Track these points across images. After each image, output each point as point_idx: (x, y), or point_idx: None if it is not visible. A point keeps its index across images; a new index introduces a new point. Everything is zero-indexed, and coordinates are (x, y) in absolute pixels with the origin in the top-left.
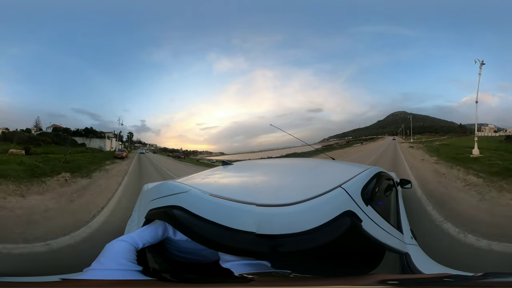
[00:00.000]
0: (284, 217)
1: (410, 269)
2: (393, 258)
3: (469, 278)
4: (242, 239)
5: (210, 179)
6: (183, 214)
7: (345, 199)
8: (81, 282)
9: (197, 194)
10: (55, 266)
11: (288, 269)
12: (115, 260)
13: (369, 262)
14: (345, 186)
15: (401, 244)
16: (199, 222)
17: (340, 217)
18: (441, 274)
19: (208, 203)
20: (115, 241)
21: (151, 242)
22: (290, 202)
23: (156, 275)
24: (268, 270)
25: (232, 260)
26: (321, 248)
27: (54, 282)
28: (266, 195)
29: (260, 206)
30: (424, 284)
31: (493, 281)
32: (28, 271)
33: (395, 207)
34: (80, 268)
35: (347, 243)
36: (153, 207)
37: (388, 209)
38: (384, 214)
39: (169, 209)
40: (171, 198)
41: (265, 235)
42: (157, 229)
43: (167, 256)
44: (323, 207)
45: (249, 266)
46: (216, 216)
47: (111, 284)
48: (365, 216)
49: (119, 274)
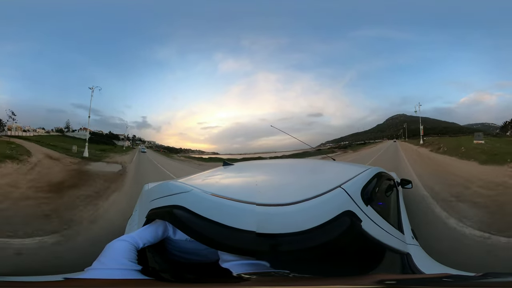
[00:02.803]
0: (284, 216)
1: (411, 269)
2: (394, 258)
3: (469, 278)
4: (243, 238)
5: (211, 179)
6: (185, 214)
7: (344, 199)
8: (82, 281)
9: (198, 194)
10: (56, 266)
11: (288, 268)
12: (116, 259)
13: (369, 262)
14: (344, 186)
15: (402, 244)
16: (200, 222)
17: (340, 217)
18: (441, 274)
19: (209, 203)
20: (116, 240)
21: (151, 241)
22: (290, 201)
23: (156, 274)
24: (267, 270)
25: (232, 260)
26: (320, 248)
27: (56, 281)
28: (267, 195)
29: (260, 205)
30: (423, 284)
31: (493, 281)
32: (29, 271)
33: (396, 207)
34: (81, 268)
35: (346, 243)
36: (154, 207)
37: (389, 209)
38: (385, 214)
39: (171, 208)
40: (173, 198)
41: (265, 234)
42: (157, 228)
43: (167, 256)
44: (322, 207)
45: (248, 266)
46: (217, 216)
47: (112, 284)
48: (364, 216)
49: (120, 274)
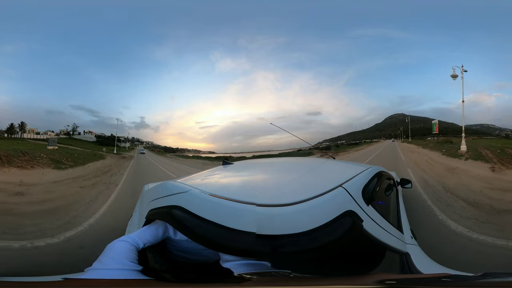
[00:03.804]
0: (284, 217)
1: (409, 269)
2: (393, 258)
3: (468, 278)
4: (242, 239)
5: (210, 179)
6: (183, 214)
7: (346, 199)
8: (82, 281)
9: (197, 194)
10: (56, 266)
11: (289, 269)
12: (116, 260)
13: (370, 262)
14: (346, 185)
15: (401, 244)
16: (199, 222)
17: (341, 217)
18: (439, 274)
19: (208, 203)
20: (116, 241)
21: (151, 242)
22: (291, 202)
23: (157, 275)
24: (268, 270)
25: (233, 260)
26: (321, 249)
27: (56, 281)
28: (267, 195)
29: (261, 206)
30: (422, 284)
31: (492, 281)
32: (29, 271)
33: (396, 206)
34: (82, 268)
35: (348, 243)
36: (153, 207)
37: (389, 208)
38: (385, 213)
39: (169, 209)
40: (171, 198)
41: (265, 235)
42: (158, 229)
43: (168, 256)
44: (323, 207)
45: (249, 266)
46: (216, 216)
47: (112, 284)
48: (366, 216)
49: (120, 274)
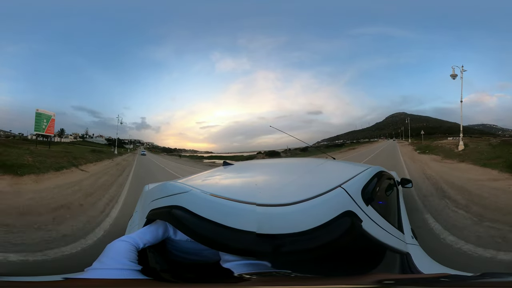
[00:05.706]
0: (284, 216)
1: (410, 269)
2: (394, 258)
3: (467, 278)
4: (243, 238)
5: (211, 179)
6: (184, 214)
7: (345, 199)
8: (82, 281)
9: (197, 194)
10: (57, 266)
11: (289, 269)
12: (116, 259)
13: (370, 262)
14: (345, 186)
15: (402, 244)
16: (199, 222)
17: (340, 217)
18: (439, 274)
19: (208, 203)
20: (116, 241)
21: (152, 242)
22: (291, 201)
23: (157, 275)
24: (269, 270)
25: (233, 260)
26: (321, 248)
27: (56, 281)
28: (267, 195)
29: (261, 206)
30: (421, 283)
31: (491, 281)
32: (29, 271)
33: (396, 206)
34: (82, 268)
35: (347, 243)
36: (154, 208)
37: (389, 208)
38: (385, 213)
39: (170, 209)
40: (172, 198)
41: (265, 234)
42: (158, 229)
43: (168, 256)
44: (323, 207)
45: (249, 266)
46: (216, 216)
47: (112, 284)
48: (365, 216)
49: (120, 274)
